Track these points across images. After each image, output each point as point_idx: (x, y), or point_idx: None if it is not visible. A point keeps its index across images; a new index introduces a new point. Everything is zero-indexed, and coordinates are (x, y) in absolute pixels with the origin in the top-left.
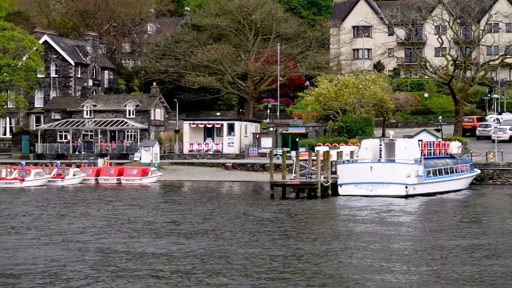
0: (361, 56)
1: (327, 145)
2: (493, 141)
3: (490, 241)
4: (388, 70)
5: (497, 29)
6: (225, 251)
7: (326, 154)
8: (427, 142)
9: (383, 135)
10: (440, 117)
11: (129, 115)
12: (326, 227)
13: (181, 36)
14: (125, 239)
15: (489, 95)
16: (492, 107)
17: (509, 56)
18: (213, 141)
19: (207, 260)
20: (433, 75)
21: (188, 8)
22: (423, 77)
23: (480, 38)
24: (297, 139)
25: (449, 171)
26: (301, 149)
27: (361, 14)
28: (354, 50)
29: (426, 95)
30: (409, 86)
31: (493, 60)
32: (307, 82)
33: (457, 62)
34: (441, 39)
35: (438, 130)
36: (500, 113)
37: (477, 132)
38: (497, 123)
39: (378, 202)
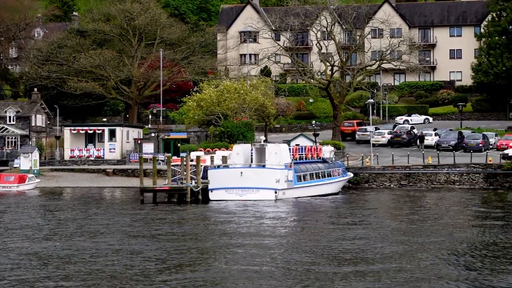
0: (247, 61)
1: (200, 150)
2: (373, 145)
3: (349, 242)
4: (275, 76)
5: (376, 35)
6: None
7: (198, 159)
8: (299, 147)
9: (265, 140)
10: (314, 121)
11: (9, 121)
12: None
13: (64, 41)
14: None
15: (373, 100)
16: (374, 111)
17: (386, 62)
18: (94, 147)
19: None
20: (311, 80)
21: (76, 13)
22: (308, 82)
23: (358, 43)
24: (178, 144)
25: (320, 175)
26: (183, 154)
27: (248, 20)
28: (241, 55)
29: (311, 100)
30: (287, 91)
31: (371, 65)
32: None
33: (334, 67)
34: (320, 45)
35: (316, 135)
36: (409, 115)
37: (356, 136)
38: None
39: (247, 207)
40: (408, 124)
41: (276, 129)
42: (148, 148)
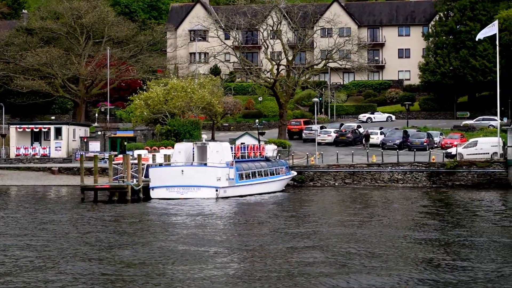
0: (197, 60)
1: (147, 148)
2: (319, 144)
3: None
4: (224, 74)
5: (324, 34)
6: None
7: (139, 157)
8: (241, 145)
9: (212, 138)
10: (257, 120)
11: None
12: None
13: (11, 39)
14: None
15: (320, 98)
16: (322, 110)
17: (332, 61)
18: (40, 145)
19: None
20: (257, 79)
21: (26, 11)
22: (254, 81)
23: (304, 43)
24: (125, 143)
25: (263, 173)
26: (129, 153)
27: (197, 18)
28: (190, 53)
29: (260, 98)
30: (237, 89)
31: (317, 64)
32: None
33: (280, 66)
34: (266, 44)
35: (261, 134)
36: (372, 113)
37: (303, 135)
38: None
39: (186, 205)
40: (372, 121)
41: (224, 127)
42: (95, 146)
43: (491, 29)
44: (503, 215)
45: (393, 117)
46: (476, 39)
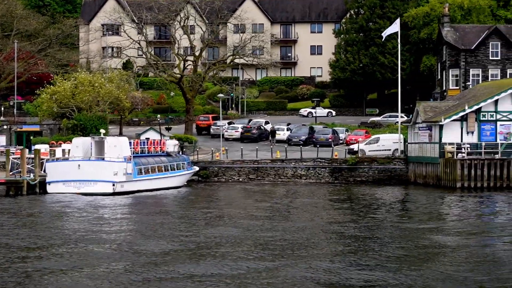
0: (109, 54)
1: (52, 143)
2: (227, 139)
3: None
4: (138, 69)
5: (237, 30)
6: None
7: (36, 152)
8: (141, 140)
9: (120, 133)
10: (159, 115)
11: None
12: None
13: None
14: None
15: (232, 94)
16: (233, 106)
17: (239, 57)
18: None
19: None
20: (163, 74)
21: None
22: (160, 76)
23: (211, 38)
24: (31, 137)
25: (163, 168)
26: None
27: (110, 12)
28: (103, 48)
29: (172, 93)
30: (147, 84)
31: (224, 60)
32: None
33: (187, 61)
34: (174, 38)
35: (168, 129)
36: (314, 107)
37: (211, 130)
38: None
39: (81, 199)
40: (313, 116)
41: (134, 122)
42: (0, 140)
43: (394, 27)
44: (401, 210)
45: (333, 112)
46: (384, 36)
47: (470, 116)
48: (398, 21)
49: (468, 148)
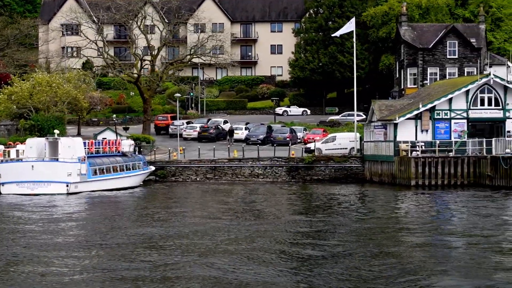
0: (68, 54)
1: (10, 143)
2: (185, 139)
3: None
4: (97, 69)
5: (197, 30)
6: None
7: None
8: (95, 140)
9: (79, 133)
10: (115, 115)
11: None
12: None
13: None
14: None
15: (191, 94)
16: (193, 105)
17: (196, 56)
18: None
19: None
20: (120, 74)
21: None
22: (117, 76)
23: (168, 38)
24: None
25: (118, 169)
26: None
27: (70, 12)
28: (62, 48)
29: (132, 93)
30: (107, 84)
31: (181, 60)
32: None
33: (144, 60)
34: (131, 38)
35: (126, 129)
36: (289, 106)
37: (170, 130)
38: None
39: (34, 200)
40: (288, 114)
41: (93, 122)
42: None
43: (349, 27)
44: (351, 208)
45: (308, 111)
46: (338, 35)
47: (424, 114)
48: (353, 20)
49: (423, 146)
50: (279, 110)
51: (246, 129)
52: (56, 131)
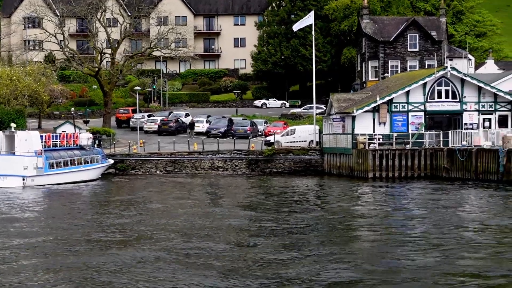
0: (31, 47)
1: None
2: (146, 132)
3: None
4: (60, 62)
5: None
6: None
7: None
8: (53, 134)
9: (39, 127)
10: (73, 109)
11: None
12: None
13: None
14: None
15: (154, 87)
16: (155, 98)
17: (156, 50)
18: None
19: None
20: (80, 67)
21: None
22: (76, 69)
23: (127, 31)
24: None
25: (76, 162)
26: None
27: (32, 5)
28: (24, 41)
29: (94, 86)
30: (59, 78)
31: (141, 53)
32: None
33: (104, 53)
34: (91, 31)
35: (86, 122)
36: (267, 99)
37: (131, 123)
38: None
39: None
40: (266, 107)
41: (55, 115)
42: None
43: (308, 20)
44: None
45: (287, 104)
46: (294, 30)
47: (382, 107)
48: (312, 13)
49: (380, 139)
50: (258, 102)
51: (207, 122)
52: (13, 125)
